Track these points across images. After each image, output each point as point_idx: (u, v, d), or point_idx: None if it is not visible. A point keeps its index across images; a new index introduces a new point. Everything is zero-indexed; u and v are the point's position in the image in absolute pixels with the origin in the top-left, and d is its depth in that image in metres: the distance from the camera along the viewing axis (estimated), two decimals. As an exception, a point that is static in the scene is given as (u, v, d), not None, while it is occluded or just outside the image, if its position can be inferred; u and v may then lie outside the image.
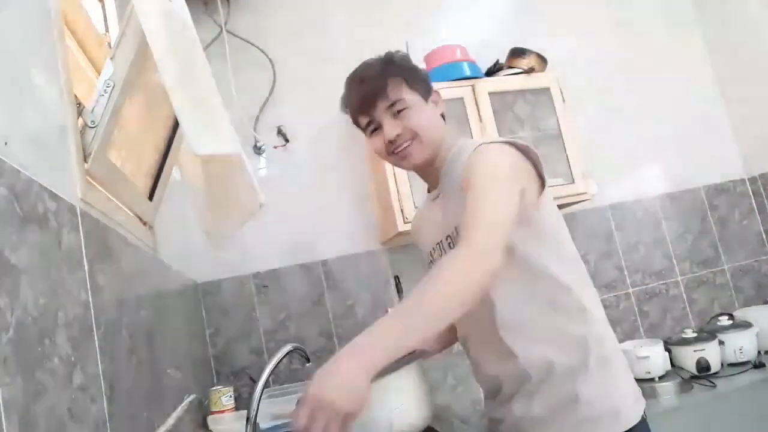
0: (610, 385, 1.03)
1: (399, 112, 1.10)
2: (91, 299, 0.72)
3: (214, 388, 1.52)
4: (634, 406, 1.04)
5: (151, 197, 1.25)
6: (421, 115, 1.11)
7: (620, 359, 1.09)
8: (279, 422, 1.32)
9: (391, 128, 1.10)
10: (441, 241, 1.15)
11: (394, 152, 1.12)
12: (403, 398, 0.88)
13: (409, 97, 1.11)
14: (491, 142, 1.07)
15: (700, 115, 2.77)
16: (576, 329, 1.04)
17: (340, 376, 0.71)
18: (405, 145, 1.11)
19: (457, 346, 1.31)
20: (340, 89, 1.23)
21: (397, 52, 1.17)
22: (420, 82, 1.15)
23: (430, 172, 1.19)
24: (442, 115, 1.20)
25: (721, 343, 2.21)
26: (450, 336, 1.28)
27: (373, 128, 1.14)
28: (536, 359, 1.04)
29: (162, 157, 1.27)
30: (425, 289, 0.83)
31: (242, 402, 1.74)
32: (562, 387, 1.02)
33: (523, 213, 1.01)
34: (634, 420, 1.01)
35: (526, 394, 1.06)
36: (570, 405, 1.01)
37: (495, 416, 1.15)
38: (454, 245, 1.08)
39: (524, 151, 1.07)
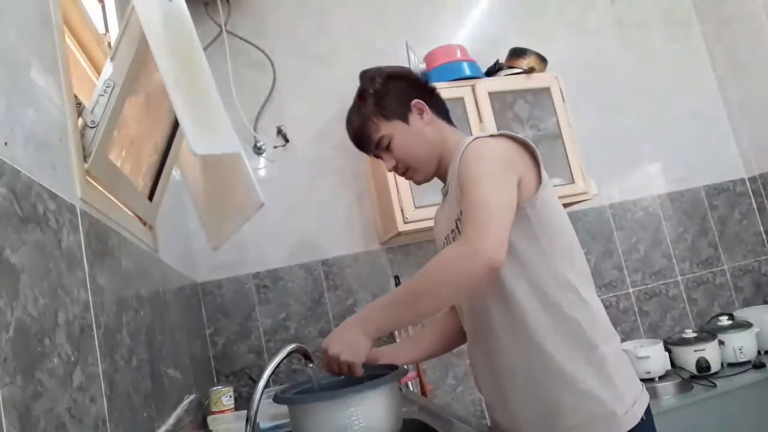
0: (603, 387, 1.00)
1: (387, 146, 1.17)
2: (91, 299, 0.72)
3: (214, 388, 1.52)
4: (632, 408, 1.00)
5: (151, 197, 1.25)
6: (405, 143, 1.16)
7: (615, 358, 1.05)
8: (279, 422, 1.32)
9: (387, 161, 1.20)
10: (447, 235, 1.17)
11: (401, 175, 1.22)
12: (363, 417, 0.88)
13: (389, 129, 1.16)
14: (487, 136, 1.08)
15: (700, 115, 2.77)
16: (567, 335, 1.02)
17: (344, 340, 0.97)
18: (403, 171, 1.20)
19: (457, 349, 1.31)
20: (340, 89, 1.25)
21: (370, 77, 1.20)
22: (394, 105, 1.17)
23: (440, 173, 1.21)
24: (444, 110, 1.22)
25: (721, 343, 2.21)
26: (425, 351, 1.30)
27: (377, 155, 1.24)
28: (527, 365, 1.04)
29: (162, 157, 1.27)
30: (421, 277, 0.96)
31: (242, 402, 1.74)
32: (555, 393, 1.01)
33: (518, 208, 1.01)
34: (632, 422, 0.98)
35: (521, 399, 1.05)
36: (563, 410, 1.00)
37: (495, 421, 1.15)
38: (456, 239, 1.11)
39: (522, 144, 1.08)
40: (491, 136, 1.09)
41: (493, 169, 1.00)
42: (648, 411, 1.04)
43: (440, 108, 1.23)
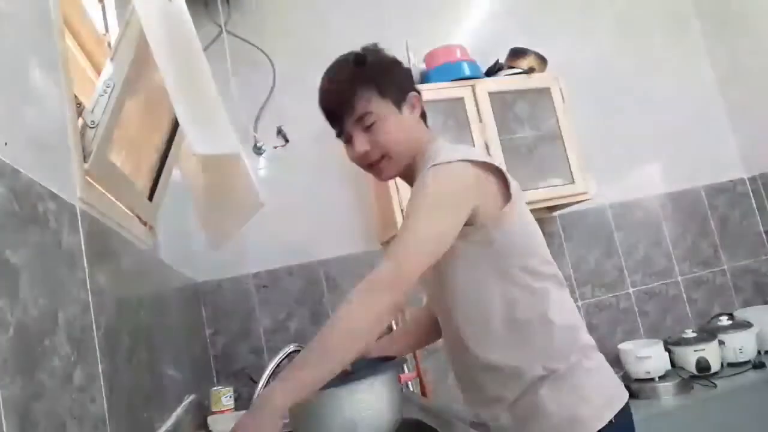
0: (573, 392, 1.00)
1: (368, 126, 1.05)
2: (91, 299, 0.72)
3: (214, 388, 1.52)
4: (599, 411, 0.99)
5: (151, 197, 1.25)
6: (391, 130, 1.05)
7: (590, 362, 1.05)
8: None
9: (360, 143, 1.06)
10: None
11: (366, 165, 1.11)
12: (364, 409, 0.88)
13: (379, 109, 1.04)
14: (445, 162, 0.99)
15: (699, 115, 2.77)
16: (537, 341, 1.03)
17: (250, 429, 0.82)
18: (375, 161, 1.08)
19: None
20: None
21: (374, 48, 1.09)
22: (394, 87, 1.07)
23: (408, 176, 1.14)
24: (423, 114, 1.15)
25: (721, 343, 2.21)
26: (418, 339, 1.30)
27: (345, 137, 1.11)
28: (499, 373, 1.05)
29: (162, 157, 1.27)
30: (327, 330, 0.88)
31: (242, 402, 1.74)
32: (525, 398, 1.02)
33: (480, 230, 1.01)
34: (598, 425, 0.98)
35: (493, 404, 1.07)
36: (533, 416, 1.01)
37: (474, 422, 1.17)
38: None
39: (485, 167, 1.02)
40: (449, 162, 0.98)
41: (437, 202, 0.96)
42: (623, 413, 1.02)
43: (424, 112, 1.17)
